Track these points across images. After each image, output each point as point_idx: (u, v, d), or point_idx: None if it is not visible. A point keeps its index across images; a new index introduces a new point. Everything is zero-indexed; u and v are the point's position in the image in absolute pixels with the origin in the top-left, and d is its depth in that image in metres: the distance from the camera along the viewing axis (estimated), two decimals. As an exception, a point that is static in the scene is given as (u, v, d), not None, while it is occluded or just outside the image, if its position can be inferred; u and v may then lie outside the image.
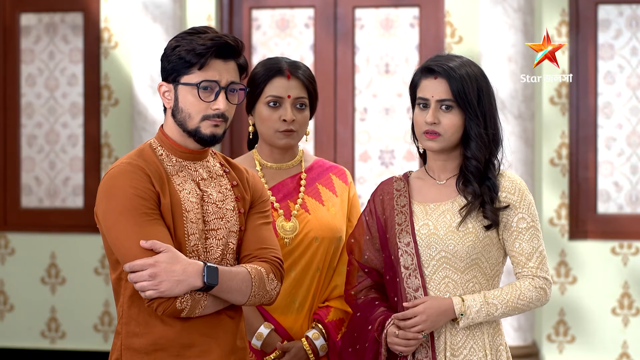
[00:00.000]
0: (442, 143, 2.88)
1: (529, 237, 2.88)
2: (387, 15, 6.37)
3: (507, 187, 2.89)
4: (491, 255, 2.89)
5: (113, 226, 2.54)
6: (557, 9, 6.14)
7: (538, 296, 2.87)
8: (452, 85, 2.85)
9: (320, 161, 3.29)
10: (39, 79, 6.70)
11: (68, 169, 6.67)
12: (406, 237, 2.90)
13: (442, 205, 2.91)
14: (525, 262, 2.88)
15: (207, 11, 6.43)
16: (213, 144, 2.67)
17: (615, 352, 6.12)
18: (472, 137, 2.87)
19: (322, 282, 3.16)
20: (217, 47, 2.59)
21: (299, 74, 3.14)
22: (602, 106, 6.18)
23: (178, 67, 2.61)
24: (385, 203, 2.97)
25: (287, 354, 3.08)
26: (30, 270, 6.67)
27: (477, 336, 2.89)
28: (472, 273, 2.88)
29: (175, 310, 2.52)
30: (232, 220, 2.69)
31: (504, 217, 2.88)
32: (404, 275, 2.89)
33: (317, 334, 3.10)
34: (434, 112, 2.86)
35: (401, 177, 3.01)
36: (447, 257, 2.87)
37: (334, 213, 3.18)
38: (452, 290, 2.87)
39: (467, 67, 2.89)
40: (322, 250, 3.14)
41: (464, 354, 2.87)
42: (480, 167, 2.88)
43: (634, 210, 6.17)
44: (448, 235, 2.87)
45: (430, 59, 2.93)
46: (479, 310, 2.83)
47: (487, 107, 2.89)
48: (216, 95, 2.61)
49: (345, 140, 6.37)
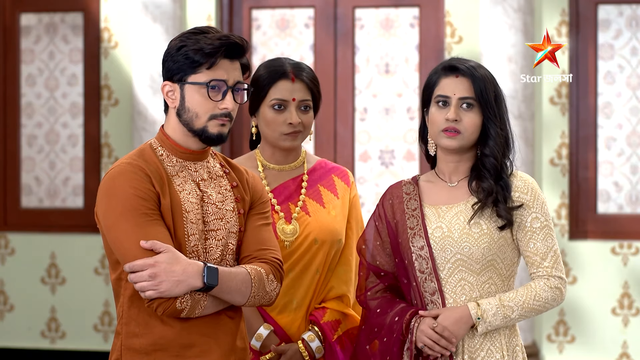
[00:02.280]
0: (461, 141, 2.87)
1: (543, 237, 2.87)
2: (387, 15, 6.37)
3: (520, 187, 2.89)
4: (506, 255, 2.88)
5: (113, 226, 2.54)
6: (557, 9, 6.14)
7: (554, 296, 2.86)
8: (475, 84, 2.86)
9: (323, 162, 3.28)
10: (39, 79, 6.70)
11: (68, 169, 6.67)
12: (419, 241, 2.88)
13: (454, 207, 2.90)
14: (540, 262, 2.87)
15: (207, 11, 6.43)
16: (219, 143, 2.67)
17: (615, 352, 6.12)
18: (491, 136, 2.87)
19: (321, 283, 3.16)
20: (226, 47, 2.60)
21: (303, 77, 3.14)
22: (602, 106, 6.18)
23: (185, 66, 2.61)
24: (395, 207, 2.95)
25: (283, 356, 3.07)
26: (30, 270, 6.67)
27: (495, 338, 2.88)
28: (487, 274, 2.86)
29: (175, 310, 2.52)
30: (232, 221, 2.69)
31: (518, 217, 2.88)
32: (420, 279, 2.88)
33: (312, 336, 3.09)
34: (456, 109, 2.86)
35: (410, 181, 3.00)
36: (463, 260, 2.86)
37: (335, 215, 3.18)
38: (468, 293, 2.86)
39: (484, 69, 2.92)
40: (322, 252, 3.13)
41: (481, 356, 2.86)
42: (497, 165, 2.88)
43: (634, 210, 6.17)
44: (463, 237, 2.86)
45: (449, 60, 2.94)
46: (495, 314, 2.82)
47: (503, 109, 2.92)
48: (224, 95, 2.61)
49: (345, 141, 6.37)
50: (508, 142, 2.92)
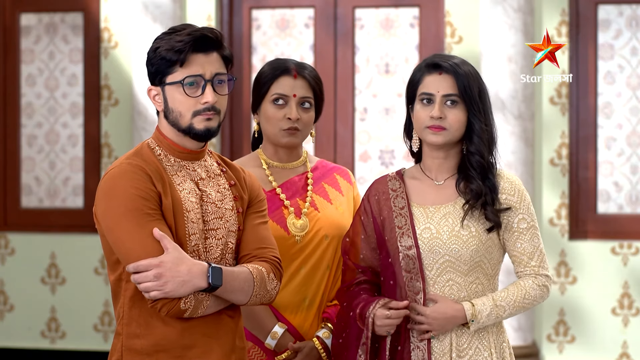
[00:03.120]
0: (446, 137, 2.89)
1: (529, 237, 2.91)
2: (387, 15, 6.37)
3: (506, 188, 2.91)
4: (493, 256, 2.91)
5: (115, 227, 2.54)
6: (557, 9, 6.14)
7: (541, 294, 2.91)
8: (458, 81, 2.88)
9: (323, 162, 3.30)
10: (39, 79, 6.69)
11: (68, 169, 6.67)
12: (408, 241, 2.90)
13: (442, 208, 2.92)
14: (527, 261, 2.91)
15: (207, 11, 6.43)
16: (209, 138, 2.66)
17: (615, 352, 6.12)
18: (476, 132, 2.89)
19: (331, 280, 3.17)
20: (194, 41, 2.58)
21: (305, 74, 3.15)
22: (602, 106, 6.18)
23: (161, 68, 2.61)
24: (381, 203, 2.96)
25: (300, 353, 3.07)
26: (30, 270, 6.67)
27: (483, 336, 2.90)
28: (475, 275, 2.89)
29: (179, 310, 2.52)
30: (231, 220, 2.69)
31: (505, 219, 2.91)
32: (405, 278, 2.89)
33: (327, 333, 3.10)
34: (440, 106, 2.87)
35: (395, 176, 3.00)
36: (451, 261, 2.88)
37: (342, 212, 3.19)
38: (455, 293, 2.88)
39: (468, 65, 2.93)
40: (332, 248, 3.14)
41: (469, 355, 2.88)
42: (484, 163, 2.89)
43: (634, 210, 6.17)
44: (452, 240, 2.87)
45: (432, 57, 2.95)
46: (489, 314, 2.85)
47: (487, 105, 2.93)
48: (203, 89, 2.60)
49: (345, 141, 6.38)
50: (493, 138, 2.94)
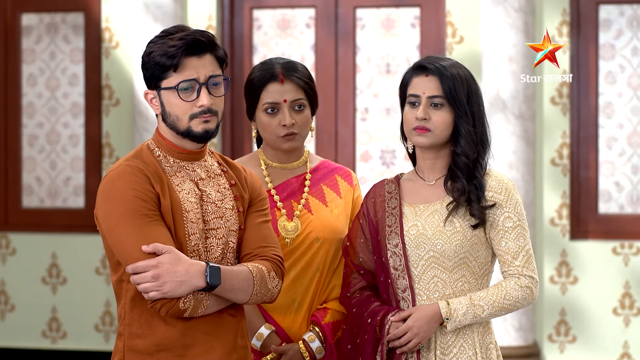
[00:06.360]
0: (432, 139, 2.92)
1: (515, 236, 2.91)
2: (388, 15, 6.37)
3: (494, 186, 2.93)
4: (480, 254, 2.92)
5: (114, 228, 2.54)
6: (558, 9, 6.14)
7: (524, 295, 2.89)
8: (444, 83, 2.91)
9: (327, 162, 3.29)
10: (40, 79, 6.70)
11: (69, 169, 6.67)
12: (395, 239, 2.93)
13: (431, 206, 2.95)
14: (511, 261, 2.91)
15: (208, 11, 6.43)
16: (208, 140, 2.67)
17: (616, 352, 6.12)
18: (462, 134, 2.91)
19: (322, 282, 3.16)
20: (186, 45, 2.59)
21: (292, 77, 3.11)
22: (603, 106, 6.18)
23: (156, 72, 2.62)
24: (377, 206, 3.01)
25: (284, 356, 3.07)
26: (31, 270, 6.68)
27: (467, 335, 2.91)
28: (460, 272, 2.91)
29: (179, 310, 2.52)
30: (232, 219, 2.69)
31: (491, 216, 2.92)
32: (393, 276, 2.93)
33: (313, 337, 3.09)
34: (425, 108, 2.91)
35: (393, 180, 3.06)
36: (436, 257, 2.90)
37: (337, 214, 3.18)
38: (441, 290, 2.90)
39: (457, 67, 2.95)
40: (323, 251, 3.14)
41: (453, 352, 2.90)
42: (470, 164, 2.92)
43: (635, 210, 6.17)
44: (436, 235, 2.90)
45: (422, 59, 3.00)
46: (465, 313, 2.86)
47: (476, 108, 2.94)
48: (198, 93, 2.61)
49: (346, 141, 6.38)
50: (484, 140, 2.96)
